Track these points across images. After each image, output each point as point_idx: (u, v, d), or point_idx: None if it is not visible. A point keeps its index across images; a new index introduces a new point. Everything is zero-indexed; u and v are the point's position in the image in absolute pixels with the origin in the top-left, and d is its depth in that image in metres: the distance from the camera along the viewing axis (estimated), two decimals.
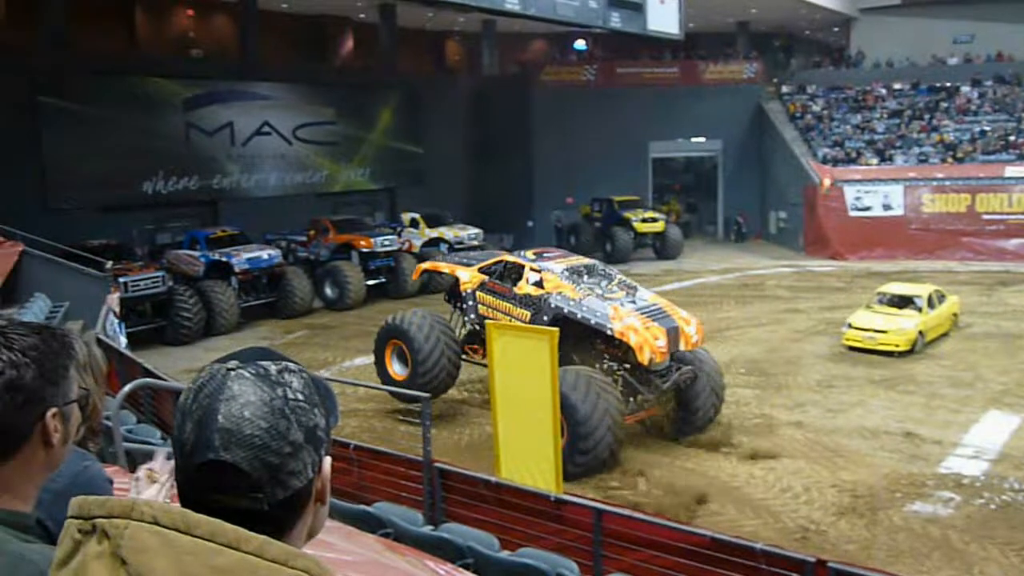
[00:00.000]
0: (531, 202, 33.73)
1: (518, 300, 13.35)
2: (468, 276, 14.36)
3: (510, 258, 14.40)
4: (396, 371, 14.15)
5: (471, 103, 34.04)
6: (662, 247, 30.65)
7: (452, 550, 5.37)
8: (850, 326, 17.14)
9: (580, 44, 37.92)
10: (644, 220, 30.34)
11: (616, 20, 24.17)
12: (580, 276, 13.27)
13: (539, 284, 13.18)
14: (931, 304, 17.42)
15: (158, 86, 25.13)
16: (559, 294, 12.84)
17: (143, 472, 2.01)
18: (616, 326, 12.13)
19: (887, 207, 29.41)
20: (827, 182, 29.72)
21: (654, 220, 30.61)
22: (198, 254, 21.50)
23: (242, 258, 21.37)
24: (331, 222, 24.88)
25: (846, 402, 14.19)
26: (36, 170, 21.97)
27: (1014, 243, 28.28)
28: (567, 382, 10.87)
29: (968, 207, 28.77)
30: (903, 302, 17.46)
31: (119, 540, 0.97)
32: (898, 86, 34.22)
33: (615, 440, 11.23)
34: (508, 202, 32.83)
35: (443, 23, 34.78)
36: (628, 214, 30.35)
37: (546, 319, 12.71)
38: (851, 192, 29.56)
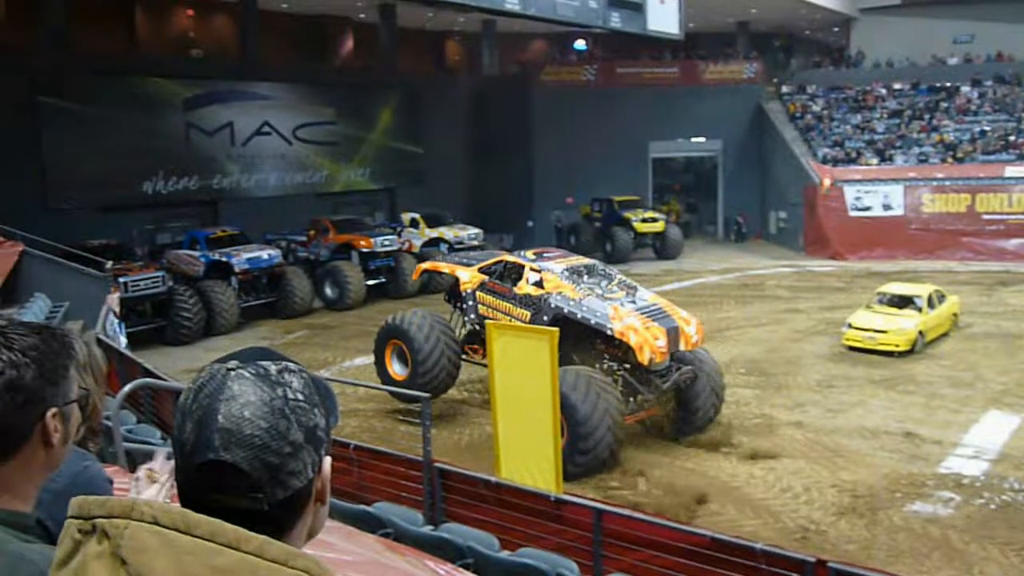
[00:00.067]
0: (531, 202, 33.73)
1: (518, 300, 13.33)
2: (468, 276, 14.34)
3: (510, 258, 14.39)
4: (396, 371, 14.15)
5: (471, 103, 34.04)
6: (662, 247, 30.64)
7: (452, 550, 5.37)
8: (850, 326, 17.13)
9: (580, 44, 37.92)
10: (644, 220, 30.33)
11: (616, 20, 24.16)
12: (580, 276, 13.27)
13: (539, 284, 13.17)
14: (931, 304, 17.42)
15: (158, 86, 25.13)
16: (559, 294, 12.83)
17: (143, 472, 2.01)
18: (616, 326, 12.12)
19: (887, 207, 29.41)
20: (827, 182, 29.72)
21: (654, 220, 30.60)
22: (198, 254, 21.50)
23: (242, 258, 21.38)
24: (331, 222, 24.87)
25: (846, 402, 14.19)
26: (36, 170, 21.96)
27: (1014, 243, 28.29)
28: (567, 382, 10.86)
29: (968, 207, 28.78)
30: (903, 302, 17.46)
31: (119, 540, 0.97)
32: (898, 86, 34.21)
33: (615, 440, 11.22)
34: (508, 202, 32.83)
35: (443, 23, 34.78)
36: (628, 214, 30.34)
37: (546, 319, 12.70)
38: (851, 192, 29.56)
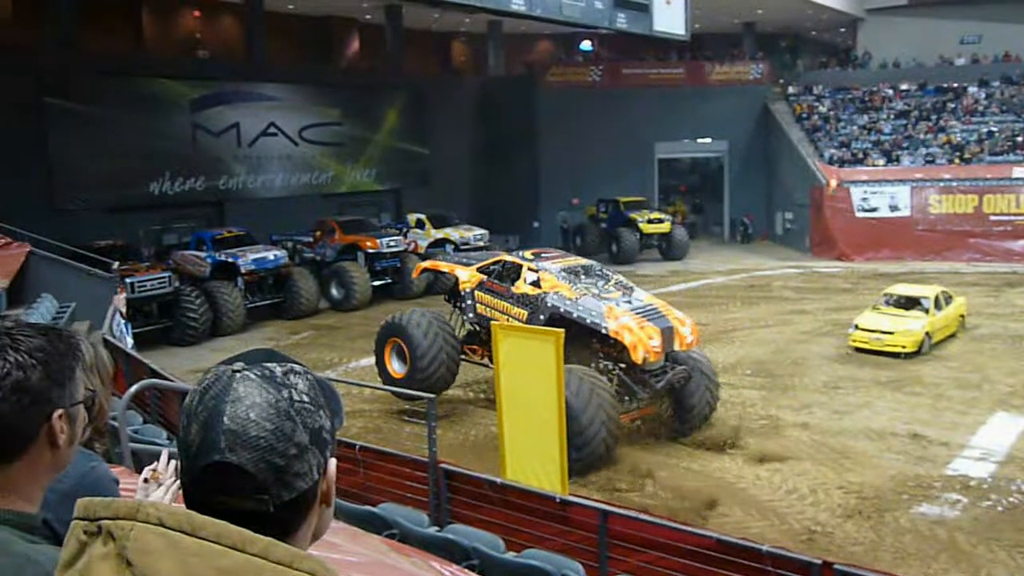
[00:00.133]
0: (537, 203, 33.74)
1: (515, 299, 13.42)
2: (467, 275, 14.43)
3: (508, 258, 14.49)
4: (395, 369, 14.25)
5: (477, 104, 34.06)
6: (668, 248, 30.62)
7: (457, 551, 5.37)
8: (857, 327, 17.08)
9: (586, 45, 37.94)
10: (650, 221, 30.31)
11: (622, 21, 24.14)
12: (577, 276, 13.37)
13: (536, 284, 13.25)
14: (938, 305, 17.36)
15: (165, 87, 25.19)
16: (555, 293, 12.92)
17: (148, 473, 2.02)
18: (611, 325, 12.20)
19: (894, 208, 29.34)
20: (833, 183, 29.65)
21: (660, 221, 30.57)
22: (204, 255, 21.55)
23: (248, 259, 21.41)
24: (337, 223, 24.89)
25: (852, 403, 14.15)
26: (43, 171, 22.02)
27: (1021, 244, 28.21)
28: None
29: (975, 208, 28.70)
30: (910, 303, 17.41)
31: (124, 541, 0.97)
32: (905, 87, 34.12)
33: (610, 435, 11.27)
34: (514, 203, 32.84)
35: (449, 24, 34.81)
36: (634, 215, 30.32)
37: (542, 318, 12.82)
38: (858, 193, 29.49)
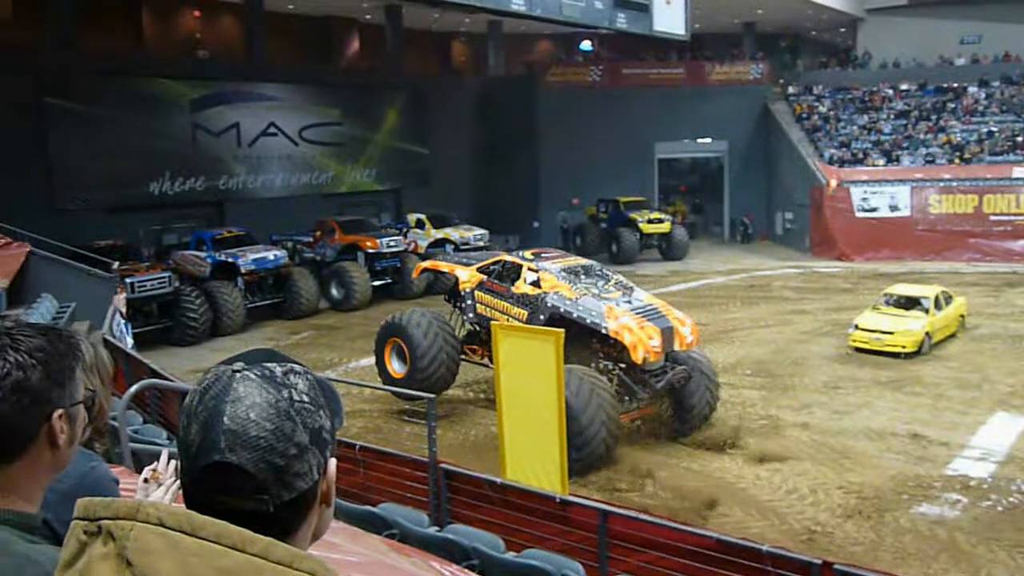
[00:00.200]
0: (537, 203, 33.74)
1: (515, 299, 13.41)
2: (467, 275, 14.42)
3: (509, 258, 14.49)
4: (395, 368, 14.25)
5: (477, 104, 34.06)
6: (668, 248, 30.62)
7: (457, 551, 5.37)
8: (856, 327, 17.08)
9: (586, 45, 37.94)
10: (650, 221, 30.31)
11: (622, 21, 24.14)
12: (577, 276, 13.36)
13: (536, 284, 13.25)
14: (938, 305, 17.36)
15: (165, 87, 25.19)
16: (555, 293, 12.91)
17: (148, 473, 2.02)
18: (611, 325, 12.19)
19: (894, 208, 29.34)
20: (833, 183, 29.65)
21: (660, 221, 30.57)
22: (204, 255, 21.55)
23: (248, 259, 21.41)
24: (337, 223, 24.89)
25: (852, 403, 14.15)
26: (43, 171, 22.01)
27: (1021, 244, 28.21)
28: None
29: (975, 208, 28.70)
30: (910, 303, 17.40)
31: (124, 541, 0.97)
32: (905, 87, 34.11)
33: (610, 435, 11.27)
34: (514, 203, 32.84)
35: (449, 24, 34.81)
36: (634, 215, 30.32)
37: (542, 318, 12.81)
38: (858, 193, 29.49)
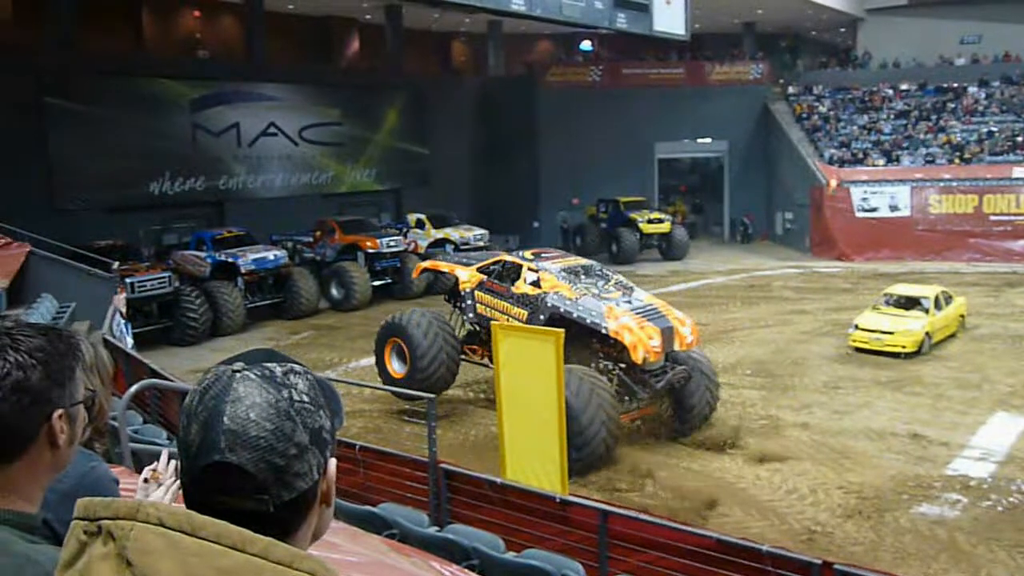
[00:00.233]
0: (537, 203, 33.74)
1: (515, 299, 13.41)
2: (467, 275, 14.42)
3: (509, 258, 14.49)
4: (395, 368, 14.26)
5: (477, 104, 34.06)
6: (668, 248, 30.61)
7: (457, 551, 5.37)
8: (856, 327, 17.08)
9: (586, 45, 37.93)
10: (650, 221, 30.30)
11: (622, 21, 24.14)
12: (577, 276, 13.37)
13: (536, 284, 13.25)
14: (938, 305, 17.35)
15: (165, 87, 25.19)
16: (556, 293, 12.91)
17: (148, 473, 2.02)
18: (611, 325, 12.19)
19: (894, 208, 29.34)
20: (833, 183, 29.65)
21: (660, 221, 30.57)
22: (204, 255, 21.54)
23: (248, 259, 21.41)
24: (337, 223, 24.88)
25: (852, 403, 14.15)
26: (43, 170, 22.00)
27: (1021, 244, 28.21)
28: None
29: (975, 208, 28.70)
30: (910, 303, 17.40)
31: (124, 541, 0.97)
32: (905, 87, 34.11)
33: (610, 435, 11.27)
34: (514, 203, 32.84)
35: (449, 24, 34.81)
36: (634, 215, 30.31)
37: (542, 318, 12.81)
38: (858, 193, 29.50)
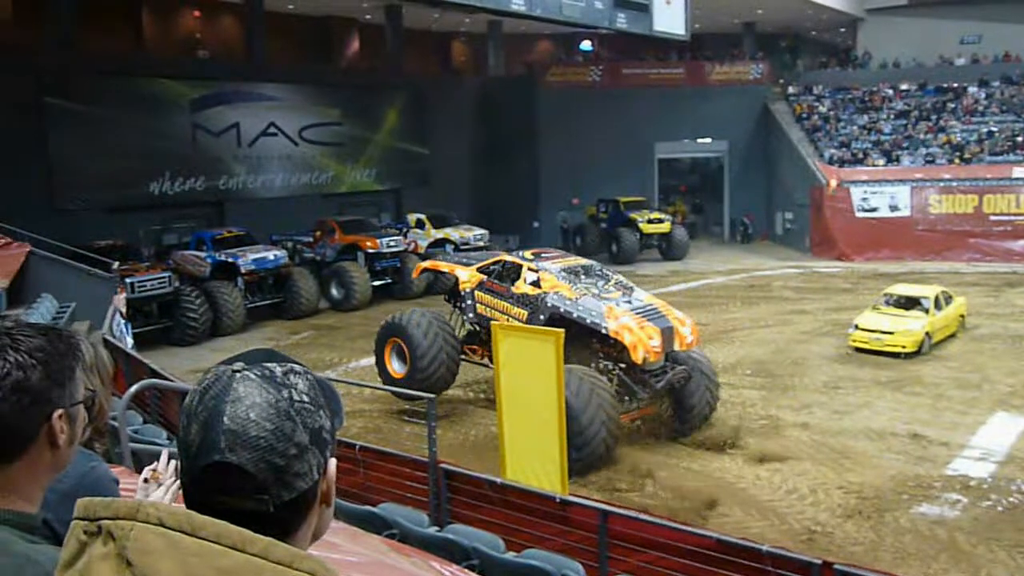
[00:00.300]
0: (537, 203, 33.74)
1: (515, 299, 13.42)
2: (467, 275, 14.43)
3: (508, 258, 14.50)
4: (395, 368, 14.27)
5: (477, 104, 34.06)
6: (668, 248, 30.61)
7: (457, 551, 5.37)
8: (856, 327, 17.08)
9: (586, 45, 37.93)
10: (650, 221, 30.30)
11: (622, 21, 24.14)
12: (577, 276, 13.38)
13: (536, 284, 13.26)
14: (938, 305, 17.35)
15: (165, 87, 25.18)
16: (556, 293, 12.92)
17: (148, 473, 2.02)
18: (611, 325, 12.20)
19: (894, 208, 29.34)
20: (833, 183, 29.65)
21: (660, 221, 30.57)
22: (204, 255, 21.54)
23: (248, 259, 21.41)
24: (337, 223, 24.88)
25: (852, 403, 14.15)
26: (42, 170, 22.00)
27: (1021, 244, 28.21)
28: None
29: (975, 208, 28.70)
30: (910, 303, 17.40)
31: (124, 541, 0.97)
32: (905, 87, 34.11)
33: (610, 435, 11.27)
34: (514, 203, 32.84)
35: (449, 24, 34.81)
36: (634, 215, 30.31)
37: (542, 318, 12.82)
38: (858, 193, 29.49)
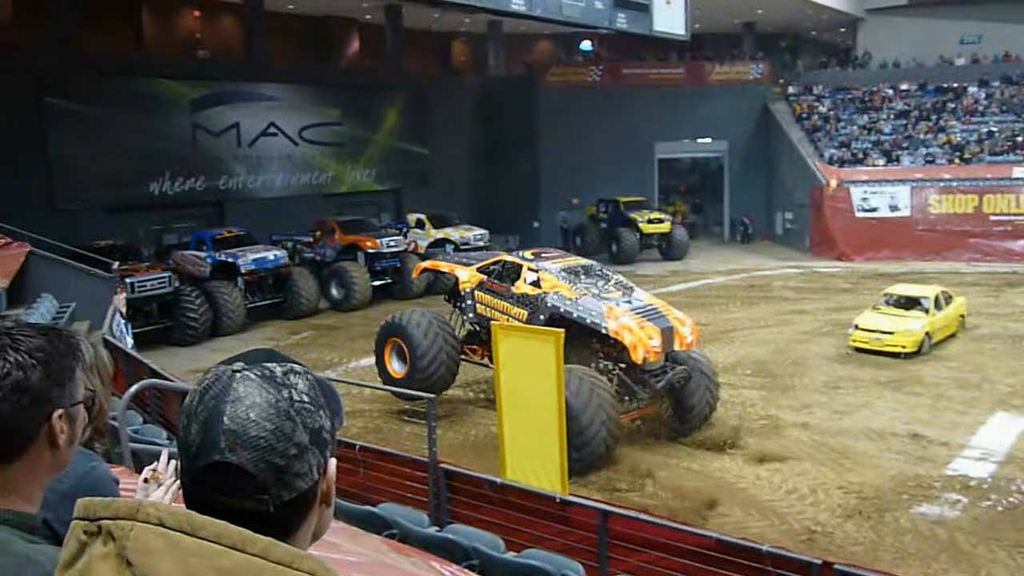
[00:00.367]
0: (537, 203, 33.73)
1: (515, 299, 13.43)
2: (467, 275, 14.44)
3: (508, 258, 14.51)
4: (395, 368, 14.29)
5: (477, 104, 34.06)
6: (668, 248, 30.61)
7: (457, 551, 5.37)
8: (856, 327, 17.08)
9: (586, 45, 37.93)
10: (650, 221, 30.30)
11: (622, 21, 24.14)
12: (577, 276, 13.39)
13: (536, 284, 13.27)
14: (938, 305, 17.35)
15: (165, 87, 25.18)
16: (555, 293, 12.93)
17: (148, 473, 2.02)
18: (611, 325, 12.21)
19: (894, 208, 29.34)
20: (833, 183, 29.65)
21: (660, 221, 30.56)
22: (204, 255, 21.54)
23: (248, 259, 21.41)
24: (337, 223, 24.88)
25: (852, 403, 14.15)
26: (43, 170, 21.99)
27: (1021, 244, 28.20)
28: None
29: (975, 208, 28.70)
30: (910, 303, 17.40)
31: (124, 541, 0.97)
32: (905, 87, 34.11)
33: (610, 435, 11.28)
34: (514, 203, 32.83)
35: (449, 24, 34.81)
36: (634, 215, 30.31)
37: (542, 318, 12.83)
38: (858, 193, 29.49)
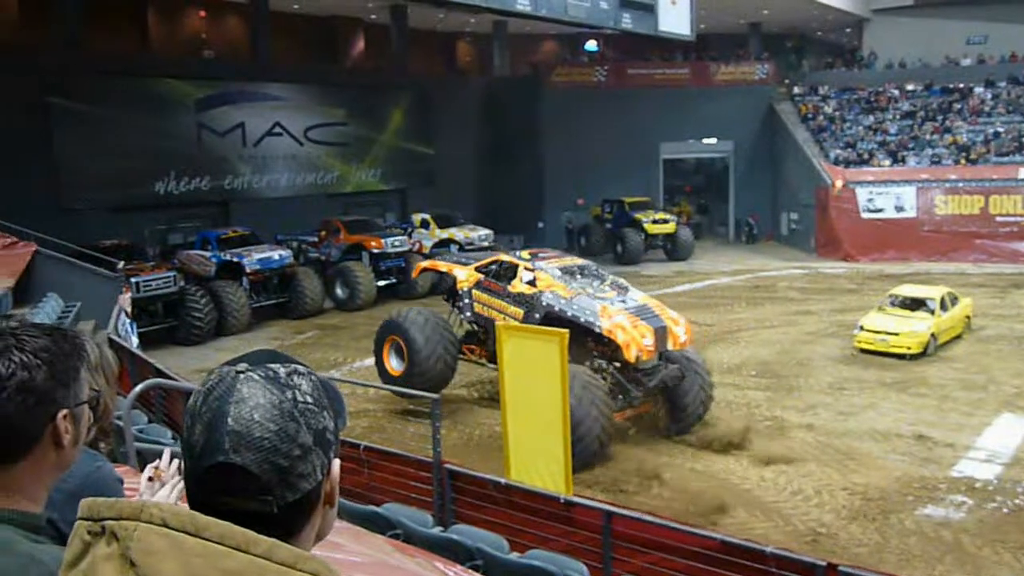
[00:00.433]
0: (542, 203, 33.72)
1: (512, 298, 13.58)
2: (464, 275, 14.57)
3: (506, 257, 14.65)
4: (393, 366, 14.39)
5: (482, 104, 34.05)
6: (673, 248, 30.58)
7: (461, 551, 5.37)
8: (862, 328, 17.05)
9: (591, 45, 37.91)
10: (655, 221, 30.28)
11: (627, 21, 24.14)
12: (573, 276, 13.55)
13: (532, 283, 13.41)
14: (943, 306, 17.31)
15: (170, 87, 25.23)
16: (551, 292, 13.10)
17: (151, 471, 2.02)
18: (604, 323, 12.34)
19: (899, 209, 29.27)
20: (839, 183, 29.60)
21: (665, 221, 30.53)
22: (209, 254, 21.57)
23: (253, 258, 21.44)
24: (342, 223, 24.91)
25: (857, 405, 14.13)
26: (48, 170, 22.01)
27: None
28: None
29: (981, 209, 28.62)
30: (915, 304, 17.37)
31: (128, 542, 0.98)
32: (911, 87, 34.03)
33: (603, 432, 11.34)
34: (519, 203, 32.82)
35: (454, 24, 34.81)
36: (639, 215, 30.30)
37: (538, 316, 12.99)
38: (863, 194, 29.43)
